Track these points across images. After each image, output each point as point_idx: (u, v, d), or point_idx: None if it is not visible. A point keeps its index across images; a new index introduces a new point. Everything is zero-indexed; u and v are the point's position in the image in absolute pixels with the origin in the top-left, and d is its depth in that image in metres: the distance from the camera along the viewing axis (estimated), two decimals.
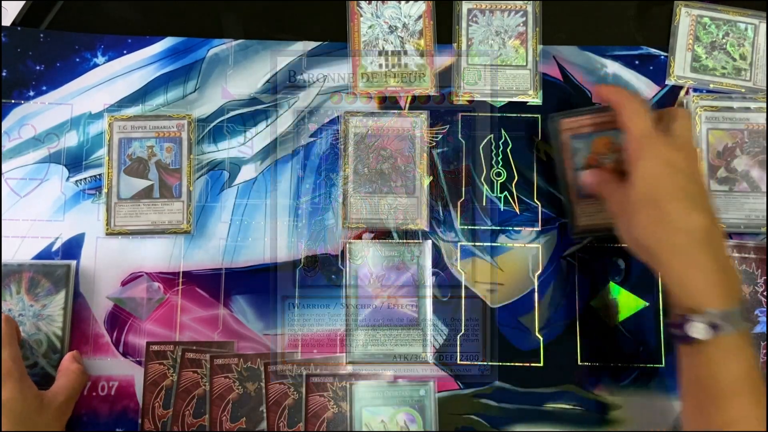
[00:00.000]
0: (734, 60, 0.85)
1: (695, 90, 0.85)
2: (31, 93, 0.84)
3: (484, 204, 0.83)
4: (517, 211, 0.83)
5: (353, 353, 0.79)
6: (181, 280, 0.81)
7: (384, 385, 0.78)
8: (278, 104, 0.85)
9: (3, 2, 0.85)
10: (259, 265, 0.81)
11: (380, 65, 0.85)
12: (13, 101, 0.84)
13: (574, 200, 0.79)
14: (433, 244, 0.81)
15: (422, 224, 0.82)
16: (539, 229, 0.82)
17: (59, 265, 0.79)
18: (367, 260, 0.80)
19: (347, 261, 0.80)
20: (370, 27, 0.86)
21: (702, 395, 0.63)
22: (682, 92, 0.85)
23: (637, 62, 0.85)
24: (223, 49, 0.85)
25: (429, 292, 0.80)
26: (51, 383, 0.75)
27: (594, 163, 0.78)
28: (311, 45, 0.86)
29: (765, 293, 0.78)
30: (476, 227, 0.82)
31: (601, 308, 0.80)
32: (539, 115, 0.84)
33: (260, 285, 0.81)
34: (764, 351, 0.77)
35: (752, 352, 0.63)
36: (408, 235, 0.82)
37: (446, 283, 0.81)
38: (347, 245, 0.81)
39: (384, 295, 0.80)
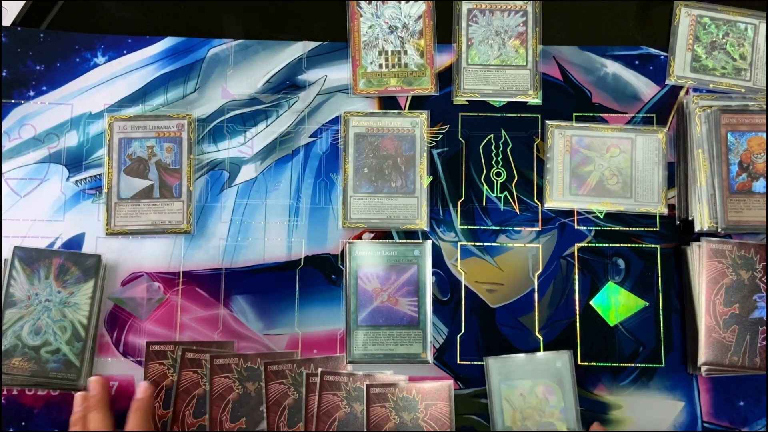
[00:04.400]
0: (734, 60, 0.85)
1: (695, 90, 0.85)
2: (31, 93, 0.84)
3: (484, 204, 0.83)
4: (517, 211, 0.83)
5: (353, 353, 0.79)
6: (181, 280, 0.81)
7: (521, 359, 0.78)
8: (278, 104, 0.85)
9: (3, 2, 0.86)
10: (259, 265, 0.81)
11: (380, 65, 0.85)
12: (13, 101, 0.84)
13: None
14: (427, 238, 0.81)
15: (422, 224, 0.82)
16: (539, 229, 0.82)
17: (90, 255, 0.79)
18: (367, 260, 0.80)
19: (347, 261, 0.80)
20: (370, 27, 0.86)
21: None
22: (682, 92, 0.85)
23: (637, 62, 0.85)
24: (223, 49, 0.85)
25: (429, 291, 0.80)
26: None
27: (747, 160, 0.79)
28: (311, 45, 0.86)
29: (764, 279, 0.78)
30: (476, 227, 0.82)
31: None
32: (539, 115, 0.84)
33: (260, 285, 0.80)
34: (763, 336, 0.77)
35: None
36: (408, 235, 0.82)
37: (446, 283, 0.81)
38: (347, 245, 0.80)
39: (384, 295, 0.80)
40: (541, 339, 0.80)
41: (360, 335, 0.79)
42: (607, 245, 0.82)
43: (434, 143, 0.84)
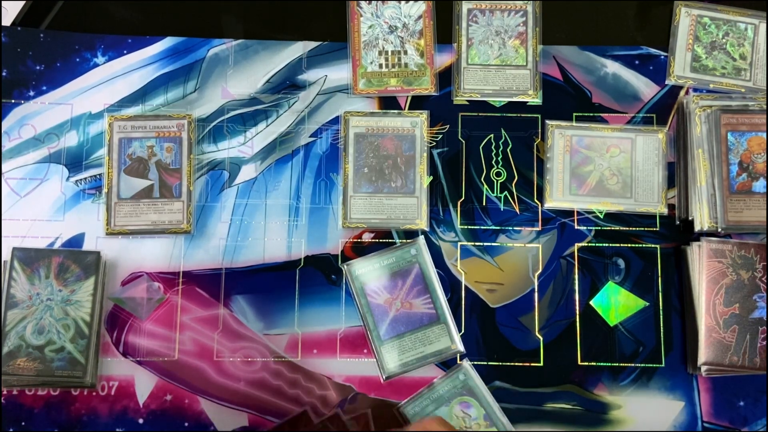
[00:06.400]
0: (734, 60, 0.85)
1: (695, 90, 0.85)
2: (31, 93, 0.84)
3: (484, 204, 0.83)
4: (517, 211, 0.83)
5: (387, 369, 0.78)
6: (181, 280, 0.81)
7: (425, 394, 0.78)
8: (278, 104, 0.85)
9: (3, 2, 0.86)
10: (259, 265, 0.81)
11: (380, 65, 0.85)
12: (13, 101, 0.84)
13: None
14: (427, 238, 0.81)
15: (422, 224, 0.82)
16: (539, 229, 0.82)
17: (89, 252, 0.79)
18: (369, 276, 0.80)
19: (350, 283, 0.80)
20: (370, 27, 0.86)
21: None
22: (682, 92, 0.85)
23: (637, 62, 0.85)
24: (223, 49, 0.85)
25: (438, 285, 0.79)
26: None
27: (747, 160, 0.79)
28: (311, 45, 0.86)
29: (764, 279, 0.78)
30: (476, 227, 0.82)
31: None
32: (539, 115, 0.84)
33: (260, 285, 0.81)
34: (763, 336, 0.77)
35: None
36: (408, 235, 0.82)
37: (446, 282, 0.81)
38: (345, 268, 0.80)
39: (397, 302, 0.79)
40: (541, 339, 0.80)
41: (388, 349, 0.78)
42: (607, 245, 0.82)
43: (434, 143, 0.84)
